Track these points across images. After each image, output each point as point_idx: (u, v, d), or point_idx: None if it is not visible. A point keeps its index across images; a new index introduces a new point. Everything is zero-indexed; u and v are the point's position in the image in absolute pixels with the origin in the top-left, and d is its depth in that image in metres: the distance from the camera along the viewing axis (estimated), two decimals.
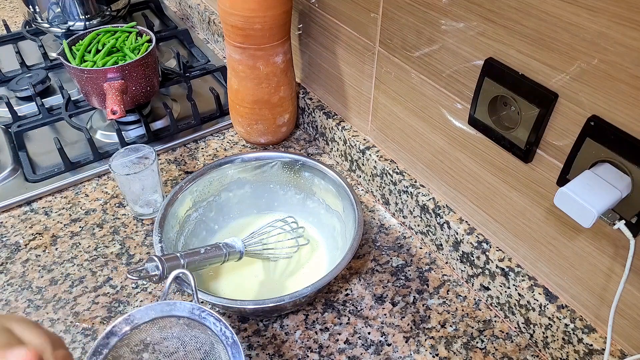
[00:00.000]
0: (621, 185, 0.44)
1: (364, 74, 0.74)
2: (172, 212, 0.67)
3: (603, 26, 0.41)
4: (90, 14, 1.08)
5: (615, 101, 0.43)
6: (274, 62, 0.79)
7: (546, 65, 0.47)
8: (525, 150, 0.52)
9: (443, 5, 0.55)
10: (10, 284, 0.68)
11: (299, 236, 0.72)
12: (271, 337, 0.63)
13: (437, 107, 0.63)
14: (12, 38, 1.17)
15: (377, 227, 0.77)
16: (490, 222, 0.63)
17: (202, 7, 1.18)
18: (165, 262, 0.54)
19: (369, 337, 0.63)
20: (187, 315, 0.46)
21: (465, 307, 0.66)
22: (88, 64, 0.88)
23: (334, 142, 0.86)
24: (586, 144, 0.46)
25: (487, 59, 0.53)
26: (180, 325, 0.46)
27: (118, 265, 0.71)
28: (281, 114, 0.86)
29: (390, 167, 0.75)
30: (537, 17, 0.46)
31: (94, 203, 0.80)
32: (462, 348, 0.62)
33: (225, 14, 0.74)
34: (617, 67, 0.42)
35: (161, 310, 0.46)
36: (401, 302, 0.66)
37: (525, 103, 0.50)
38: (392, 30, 0.65)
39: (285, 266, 0.71)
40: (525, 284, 0.59)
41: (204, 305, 0.47)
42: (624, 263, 0.46)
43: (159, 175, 0.75)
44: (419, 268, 0.71)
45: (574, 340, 0.55)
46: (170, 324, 0.46)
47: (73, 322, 0.64)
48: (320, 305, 0.66)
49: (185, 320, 0.46)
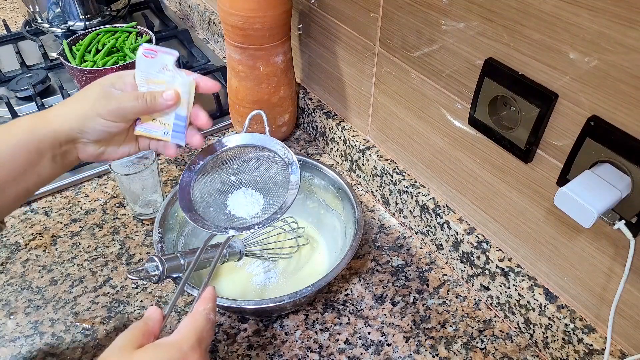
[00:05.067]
0: (621, 185, 0.44)
1: (364, 74, 0.74)
2: (172, 212, 0.67)
3: (603, 26, 0.41)
4: (90, 14, 1.08)
5: (615, 101, 0.43)
6: (274, 62, 0.79)
7: (546, 65, 0.47)
8: (525, 150, 0.52)
9: (443, 5, 0.55)
10: (10, 284, 0.68)
11: (299, 236, 0.72)
12: (271, 337, 0.63)
13: (437, 107, 0.63)
14: (12, 38, 1.17)
15: (377, 227, 0.77)
16: (490, 222, 0.63)
17: (202, 7, 1.18)
18: (165, 262, 0.55)
19: (369, 337, 0.63)
20: (260, 144, 0.62)
21: (465, 307, 0.66)
22: (88, 64, 0.88)
23: (334, 142, 0.86)
24: (586, 144, 0.46)
25: (487, 59, 0.53)
26: (256, 150, 0.62)
27: (118, 265, 0.71)
28: (281, 114, 0.86)
29: (390, 167, 0.75)
30: (537, 17, 0.46)
31: (94, 203, 0.80)
32: (462, 348, 0.62)
33: (225, 14, 0.74)
34: (617, 67, 0.42)
35: (242, 139, 0.62)
36: (401, 302, 0.66)
37: (525, 103, 0.50)
38: (392, 30, 0.65)
39: (285, 266, 0.71)
40: (525, 284, 0.59)
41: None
42: (624, 263, 0.46)
43: (159, 175, 0.75)
44: (419, 268, 0.71)
45: (574, 340, 0.55)
46: (249, 149, 0.62)
47: (73, 322, 0.64)
48: (320, 305, 0.66)
49: (259, 148, 0.62)
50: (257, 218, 0.60)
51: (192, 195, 0.59)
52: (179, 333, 0.42)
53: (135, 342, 0.41)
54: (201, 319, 0.44)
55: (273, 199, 0.62)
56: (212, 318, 0.45)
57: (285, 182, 0.61)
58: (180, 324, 0.43)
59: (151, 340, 0.42)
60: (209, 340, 0.44)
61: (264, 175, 0.63)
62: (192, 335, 0.42)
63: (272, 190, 0.63)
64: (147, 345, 0.41)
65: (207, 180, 0.62)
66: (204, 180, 0.61)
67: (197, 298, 0.47)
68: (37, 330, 0.63)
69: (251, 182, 0.63)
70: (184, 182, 0.59)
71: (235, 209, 0.62)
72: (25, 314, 0.65)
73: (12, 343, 0.62)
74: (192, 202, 0.59)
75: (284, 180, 0.61)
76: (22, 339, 0.62)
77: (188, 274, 0.53)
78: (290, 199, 0.58)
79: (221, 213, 0.61)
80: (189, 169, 0.60)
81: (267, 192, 0.63)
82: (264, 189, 0.63)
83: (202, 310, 0.45)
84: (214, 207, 0.61)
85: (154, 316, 0.44)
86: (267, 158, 0.63)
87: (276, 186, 0.62)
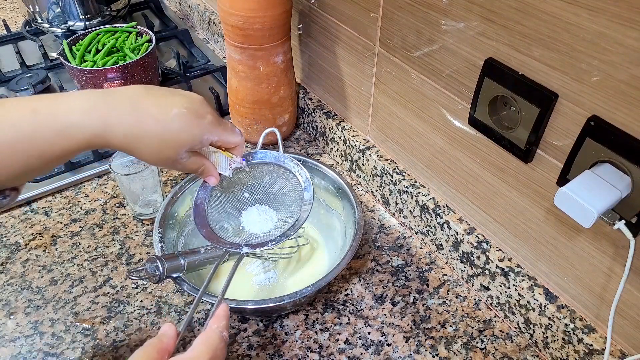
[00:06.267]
0: (621, 185, 0.44)
1: (364, 74, 0.74)
2: (172, 212, 0.67)
3: (603, 26, 0.41)
4: (90, 14, 1.08)
5: (615, 101, 0.43)
6: (274, 62, 0.79)
7: (546, 65, 0.47)
8: (525, 150, 0.52)
9: (443, 5, 0.55)
10: (10, 284, 0.68)
11: (299, 236, 0.72)
12: (271, 337, 0.63)
13: (437, 107, 0.63)
14: (12, 38, 1.17)
15: (377, 227, 0.77)
16: (490, 222, 0.63)
17: (202, 7, 1.18)
18: (165, 262, 0.55)
19: (369, 337, 0.63)
20: (275, 162, 0.63)
21: (465, 307, 0.66)
22: (88, 64, 0.88)
23: (334, 142, 0.86)
24: (586, 144, 0.46)
25: (487, 59, 0.53)
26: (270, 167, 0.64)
27: (118, 265, 0.71)
28: (281, 114, 0.86)
29: (390, 167, 0.75)
30: (537, 17, 0.46)
31: (94, 203, 0.80)
32: (462, 348, 0.62)
33: (225, 14, 0.74)
34: (617, 67, 0.42)
35: (255, 156, 0.63)
36: (401, 302, 0.66)
37: (525, 103, 0.50)
38: (392, 30, 0.65)
39: (285, 266, 0.71)
40: (525, 284, 0.59)
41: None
42: (624, 263, 0.46)
43: (159, 175, 0.75)
44: (419, 268, 0.71)
45: (574, 340, 0.55)
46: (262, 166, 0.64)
47: (73, 322, 0.64)
48: (320, 305, 0.66)
49: (274, 165, 0.63)
50: (270, 235, 0.61)
51: (207, 212, 0.60)
52: (193, 351, 0.43)
53: (150, 359, 0.41)
54: (215, 336, 0.44)
55: (286, 216, 0.63)
56: (225, 336, 0.45)
57: (299, 199, 0.61)
58: (195, 342, 0.44)
59: (165, 357, 0.43)
60: (222, 358, 0.44)
61: (278, 192, 0.64)
62: (205, 352, 0.43)
63: (285, 206, 0.64)
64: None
65: (221, 198, 0.62)
66: (218, 197, 0.62)
67: (210, 315, 0.47)
68: (37, 330, 0.63)
69: (264, 199, 0.64)
70: (199, 200, 0.60)
71: (249, 226, 0.63)
72: (25, 314, 0.65)
73: (12, 343, 0.62)
74: (207, 219, 0.59)
75: (297, 197, 0.62)
76: (22, 339, 0.62)
77: (202, 290, 0.53)
78: (304, 216, 0.59)
79: (235, 229, 0.62)
80: (204, 186, 0.61)
81: (281, 208, 0.64)
82: (277, 206, 0.65)
83: (215, 328, 0.45)
84: (227, 223, 0.62)
85: (168, 333, 0.45)
86: (280, 175, 0.64)
87: (289, 203, 0.63)
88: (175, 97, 0.49)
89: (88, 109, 0.45)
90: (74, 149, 0.45)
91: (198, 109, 0.50)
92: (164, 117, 0.47)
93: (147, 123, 0.47)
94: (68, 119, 0.44)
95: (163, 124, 0.47)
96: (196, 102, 0.51)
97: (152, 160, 0.50)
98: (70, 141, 0.45)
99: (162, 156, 0.49)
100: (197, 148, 0.52)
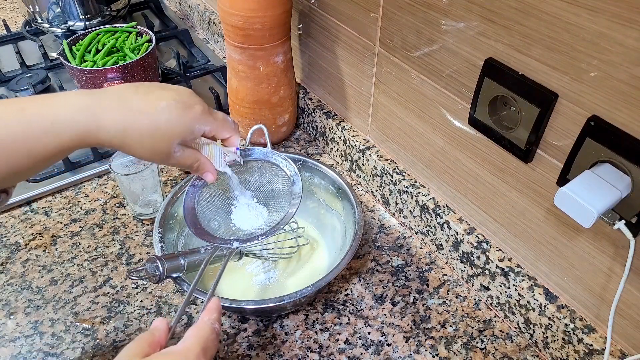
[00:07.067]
0: (621, 185, 0.44)
1: (364, 74, 0.74)
2: (172, 212, 0.67)
3: (603, 26, 0.41)
4: (90, 14, 1.08)
5: (615, 101, 0.43)
6: (274, 62, 0.79)
7: (546, 65, 0.47)
8: (525, 150, 0.52)
9: (443, 5, 0.55)
10: (10, 284, 0.68)
11: (299, 236, 0.72)
12: (271, 337, 0.63)
13: (437, 107, 0.63)
14: (12, 38, 1.17)
15: (377, 227, 0.77)
16: (490, 222, 0.63)
17: (202, 7, 1.18)
18: (165, 262, 0.55)
19: (369, 337, 0.63)
20: (263, 158, 0.63)
21: (465, 307, 0.66)
22: (88, 64, 0.88)
23: (334, 142, 0.86)
24: (586, 144, 0.46)
25: (487, 59, 0.53)
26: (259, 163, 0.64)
27: (118, 265, 0.71)
28: (281, 114, 0.86)
29: (390, 167, 0.75)
30: (537, 17, 0.46)
31: (94, 203, 0.80)
32: (462, 348, 0.62)
33: (225, 14, 0.74)
34: (617, 67, 0.42)
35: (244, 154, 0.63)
36: (401, 302, 0.66)
37: (525, 103, 0.50)
38: (392, 30, 0.65)
39: (285, 266, 0.71)
40: (525, 284, 0.59)
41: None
42: (624, 263, 0.46)
43: (159, 175, 0.75)
44: (419, 268, 0.71)
45: (574, 340, 0.55)
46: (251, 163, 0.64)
47: (73, 322, 0.64)
48: (320, 305, 0.66)
49: (262, 161, 0.64)
50: (261, 230, 0.61)
51: (197, 210, 0.60)
52: (185, 342, 0.43)
53: (141, 352, 0.42)
54: (206, 328, 0.45)
55: (276, 211, 0.63)
56: (217, 328, 0.46)
57: (288, 193, 0.61)
58: (186, 334, 0.44)
59: (157, 350, 0.43)
60: (213, 350, 0.45)
61: (267, 188, 0.65)
62: (197, 344, 0.43)
63: (275, 202, 0.64)
64: (153, 354, 0.42)
65: (211, 195, 0.62)
66: (208, 195, 0.62)
67: (202, 308, 0.48)
68: (37, 330, 0.63)
69: (254, 195, 0.64)
70: (188, 198, 0.60)
71: (240, 223, 0.63)
72: (25, 314, 0.65)
73: (12, 343, 0.62)
74: (197, 217, 0.60)
75: (286, 192, 0.62)
76: (22, 339, 0.62)
77: (194, 285, 0.53)
78: (293, 210, 0.59)
79: (226, 227, 0.62)
80: (193, 184, 0.61)
81: (271, 204, 0.64)
82: (267, 202, 0.65)
83: (207, 320, 0.46)
84: (218, 221, 0.62)
85: (160, 327, 0.45)
86: (269, 171, 0.64)
87: (279, 198, 0.63)
88: (163, 91, 0.50)
89: (76, 106, 0.46)
90: (63, 147, 0.45)
91: (186, 100, 0.50)
92: (152, 111, 0.48)
93: (136, 118, 0.47)
94: (56, 117, 0.45)
95: (152, 117, 0.48)
96: (184, 94, 0.51)
97: (145, 156, 0.50)
98: (58, 139, 0.45)
99: (155, 150, 0.49)
100: (189, 139, 0.52)
